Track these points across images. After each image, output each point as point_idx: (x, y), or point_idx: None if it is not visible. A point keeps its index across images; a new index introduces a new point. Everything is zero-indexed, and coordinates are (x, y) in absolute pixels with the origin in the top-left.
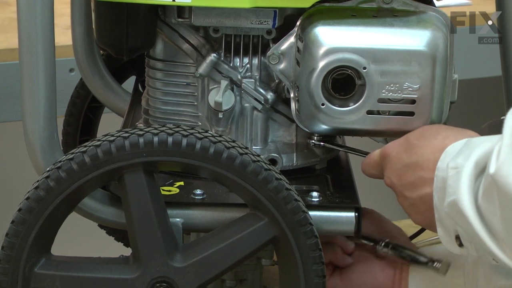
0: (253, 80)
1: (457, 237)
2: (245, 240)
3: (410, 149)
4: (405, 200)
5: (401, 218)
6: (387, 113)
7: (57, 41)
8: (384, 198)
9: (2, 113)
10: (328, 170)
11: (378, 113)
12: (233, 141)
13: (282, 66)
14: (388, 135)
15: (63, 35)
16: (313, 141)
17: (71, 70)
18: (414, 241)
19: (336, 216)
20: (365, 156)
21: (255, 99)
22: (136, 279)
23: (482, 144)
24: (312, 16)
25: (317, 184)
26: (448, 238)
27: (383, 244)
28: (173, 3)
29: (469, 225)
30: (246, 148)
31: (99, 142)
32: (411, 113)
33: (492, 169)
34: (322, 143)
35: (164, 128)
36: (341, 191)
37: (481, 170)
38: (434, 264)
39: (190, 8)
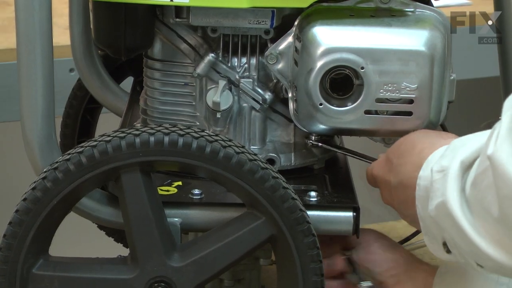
0: (251, 80)
1: (444, 244)
2: (243, 239)
3: (393, 170)
4: (406, 218)
5: (399, 218)
6: (385, 113)
7: (57, 41)
8: None
9: (2, 113)
10: (326, 170)
11: (376, 113)
12: (230, 140)
13: (280, 66)
14: (386, 135)
15: (63, 35)
16: (310, 141)
17: (71, 70)
18: (413, 240)
19: (334, 216)
20: (362, 159)
21: (253, 99)
22: (134, 279)
23: (465, 144)
24: (310, 16)
25: (315, 184)
26: (436, 245)
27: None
28: (171, 3)
29: (456, 224)
30: (243, 147)
31: (95, 143)
32: (409, 113)
33: (490, 150)
34: (319, 144)
35: (160, 128)
36: (339, 191)
37: (467, 167)
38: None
39: (188, 8)
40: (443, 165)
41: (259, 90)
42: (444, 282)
